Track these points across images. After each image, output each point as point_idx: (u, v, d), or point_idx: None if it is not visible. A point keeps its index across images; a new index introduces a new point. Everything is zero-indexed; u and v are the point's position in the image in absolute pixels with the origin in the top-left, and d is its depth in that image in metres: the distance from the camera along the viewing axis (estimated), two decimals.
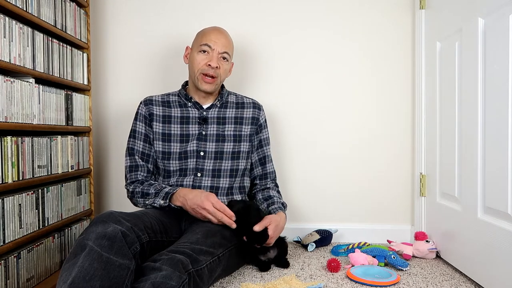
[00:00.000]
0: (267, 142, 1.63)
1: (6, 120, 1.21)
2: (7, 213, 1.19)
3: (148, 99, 1.54)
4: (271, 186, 1.62)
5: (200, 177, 1.48)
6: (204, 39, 1.46)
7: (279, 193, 1.62)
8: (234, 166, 1.51)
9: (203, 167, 1.48)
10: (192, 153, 1.48)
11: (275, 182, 1.66)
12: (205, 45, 1.45)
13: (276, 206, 1.50)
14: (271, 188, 1.61)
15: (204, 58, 1.45)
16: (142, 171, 1.48)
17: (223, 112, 1.54)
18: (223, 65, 1.48)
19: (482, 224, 1.27)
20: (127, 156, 1.50)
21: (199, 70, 1.45)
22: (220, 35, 1.47)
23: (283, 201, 1.57)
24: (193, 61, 1.46)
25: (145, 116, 1.51)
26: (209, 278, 1.15)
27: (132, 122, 1.54)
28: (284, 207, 1.53)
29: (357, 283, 1.32)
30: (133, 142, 1.51)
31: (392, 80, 1.86)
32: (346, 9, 1.86)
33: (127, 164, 1.50)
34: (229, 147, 1.51)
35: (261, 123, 1.60)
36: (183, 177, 1.48)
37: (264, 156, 1.61)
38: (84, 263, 0.93)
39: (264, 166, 1.62)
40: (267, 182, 1.62)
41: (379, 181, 1.87)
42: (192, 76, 1.48)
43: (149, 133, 1.51)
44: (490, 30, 1.23)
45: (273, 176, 1.65)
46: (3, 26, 1.20)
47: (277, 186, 1.66)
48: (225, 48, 1.47)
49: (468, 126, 1.34)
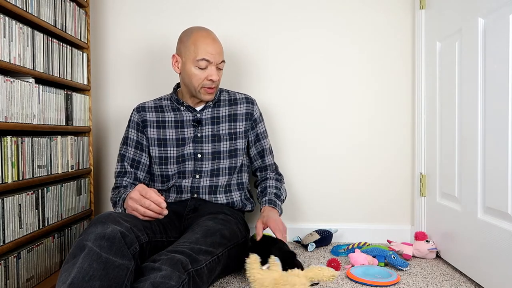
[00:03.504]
0: (264, 136, 1.61)
1: (6, 120, 1.21)
2: (7, 213, 1.19)
3: (140, 106, 1.54)
4: (270, 176, 1.61)
5: (198, 178, 1.48)
6: (200, 53, 1.39)
7: (278, 181, 1.60)
8: (232, 164, 1.52)
9: (201, 169, 1.48)
10: (190, 156, 1.48)
11: (276, 171, 1.65)
12: (202, 60, 1.40)
13: (266, 198, 1.49)
14: (269, 178, 1.59)
15: (203, 73, 1.41)
16: (129, 178, 1.48)
17: (217, 111, 1.53)
18: (220, 73, 1.47)
19: (482, 224, 1.27)
20: (118, 162, 1.51)
21: (200, 85, 1.43)
22: (214, 45, 1.42)
23: (277, 191, 1.53)
24: (192, 77, 1.42)
25: (138, 123, 1.51)
26: (208, 278, 1.15)
27: (125, 129, 1.55)
28: (277, 197, 1.50)
29: (357, 283, 1.32)
30: (124, 148, 1.51)
31: (392, 80, 1.86)
32: (346, 9, 1.86)
33: (116, 169, 1.51)
34: (225, 146, 1.50)
35: (255, 118, 1.58)
36: (181, 179, 1.48)
37: (262, 149, 1.61)
38: (83, 264, 0.93)
39: (263, 159, 1.62)
40: (266, 174, 1.62)
41: (379, 181, 1.87)
42: (191, 88, 1.45)
43: (141, 139, 1.51)
44: (490, 30, 1.23)
45: (273, 168, 1.64)
46: (3, 26, 1.20)
47: (278, 175, 1.64)
48: (221, 57, 1.44)
49: (468, 126, 1.34)
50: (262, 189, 1.57)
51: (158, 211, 1.19)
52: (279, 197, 1.53)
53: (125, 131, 1.55)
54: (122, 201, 1.33)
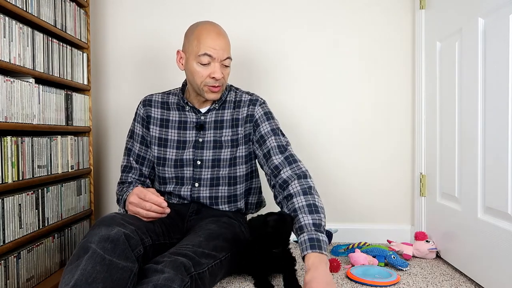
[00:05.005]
0: (270, 135, 1.38)
1: (6, 120, 1.21)
2: (7, 213, 1.19)
3: (147, 99, 1.48)
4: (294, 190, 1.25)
5: (198, 187, 1.42)
6: (202, 47, 1.30)
7: (306, 194, 1.23)
8: (231, 173, 1.43)
9: (200, 177, 1.42)
10: (188, 162, 1.42)
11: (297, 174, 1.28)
12: (204, 55, 1.30)
13: (304, 237, 1.13)
14: (294, 195, 1.24)
15: (205, 69, 1.32)
16: (134, 174, 1.45)
17: (221, 115, 1.44)
18: (226, 71, 1.36)
19: (482, 224, 1.27)
20: (124, 156, 1.48)
21: (202, 82, 1.34)
22: (218, 39, 1.31)
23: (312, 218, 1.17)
24: (194, 73, 1.33)
25: (143, 117, 1.46)
26: (210, 282, 1.14)
27: (132, 122, 1.50)
28: (317, 227, 1.14)
29: (357, 283, 1.32)
30: (131, 143, 1.48)
31: (392, 80, 1.86)
32: (347, 9, 1.86)
33: (122, 163, 1.48)
34: (226, 154, 1.42)
35: (256, 119, 1.41)
36: (180, 186, 1.43)
37: (268, 150, 1.36)
38: (86, 266, 0.92)
39: (270, 160, 1.34)
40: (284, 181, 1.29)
41: (379, 181, 1.87)
42: (195, 86, 1.37)
43: (146, 135, 1.47)
44: (490, 30, 1.23)
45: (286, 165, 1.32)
46: (3, 26, 1.20)
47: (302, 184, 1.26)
48: (226, 54, 1.33)
49: (468, 126, 1.34)
50: (292, 210, 1.22)
51: (160, 211, 1.18)
52: (319, 227, 1.15)
53: (131, 123, 1.49)
54: (123, 202, 1.32)
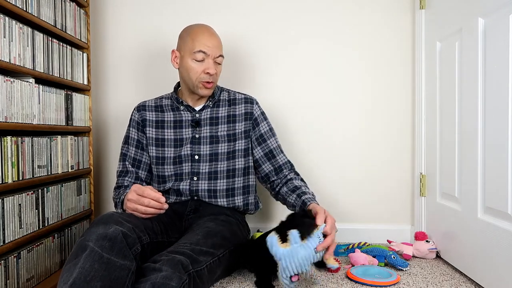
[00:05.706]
0: (270, 135, 1.53)
1: (6, 120, 1.21)
2: (7, 213, 1.19)
3: (141, 105, 1.54)
4: (293, 176, 1.50)
5: (196, 180, 1.46)
6: (196, 45, 1.39)
7: (304, 182, 1.50)
8: (230, 166, 1.48)
9: (198, 171, 1.46)
10: (187, 157, 1.46)
11: (294, 171, 1.54)
12: (199, 52, 1.39)
13: (310, 196, 1.37)
14: (294, 178, 1.48)
15: (200, 66, 1.40)
16: (130, 177, 1.48)
17: (216, 112, 1.50)
18: (218, 68, 1.45)
19: (482, 224, 1.27)
20: (120, 162, 1.52)
21: (197, 79, 1.42)
22: (212, 38, 1.42)
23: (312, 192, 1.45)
24: (190, 70, 1.41)
25: (138, 122, 1.51)
26: (209, 279, 1.15)
27: (126, 128, 1.55)
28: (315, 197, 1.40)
29: (357, 283, 1.32)
30: (126, 148, 1.51)
31: (391, 80, 1.86)
32: (346, 9, 1.86)
33: (118, 169, 1.51)
34: (223, 148, 1.47)
35: (256, 117, 1.52)
36: (179, 181, 1.46)
37: (270, 149, 1.51)
38: (85, 264, 0.93)
39: (275, 159, 1.51)
40: (286, 174, 1.50)
41: (379, 181, 1.87)
42: (189, 83, 1.45)
43: (141, 139, 1.51)
44: (490, 30, 1.23)
45: (289, 166, 1.53)
46: (3, 26, 1.20)
47: (298, 175, 1.53)
48: (219, 51, 1.43)
49: (468, 126, 1.34)
50: (293, 187, 1.44)
51: (159, 207, 1.20)
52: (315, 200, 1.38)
53: (126, 130, 1.55)
54: (121, 204, 1.34)
